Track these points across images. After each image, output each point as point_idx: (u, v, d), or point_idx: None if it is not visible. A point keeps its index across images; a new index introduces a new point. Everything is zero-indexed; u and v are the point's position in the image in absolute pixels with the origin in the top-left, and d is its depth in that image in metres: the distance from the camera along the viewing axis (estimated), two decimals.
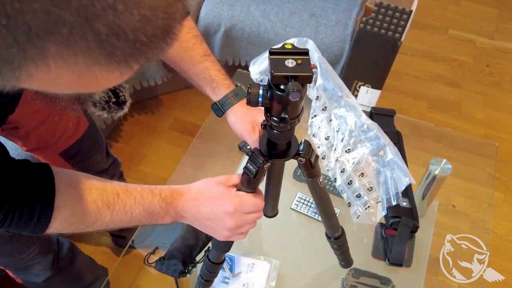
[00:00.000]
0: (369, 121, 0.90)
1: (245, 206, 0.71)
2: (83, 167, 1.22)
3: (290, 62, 0.57)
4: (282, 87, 0.57)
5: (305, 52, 0.58)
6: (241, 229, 0.74)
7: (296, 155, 0.70)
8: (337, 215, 0.91)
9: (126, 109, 0.84)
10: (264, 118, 0.81)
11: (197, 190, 0.74)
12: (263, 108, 0.65)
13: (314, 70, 0.59)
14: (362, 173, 0.89)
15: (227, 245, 0.83)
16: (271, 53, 0.58)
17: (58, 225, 0.64)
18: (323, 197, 0.81)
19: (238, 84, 0.94)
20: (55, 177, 0.64)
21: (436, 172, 1.05)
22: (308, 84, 0.60)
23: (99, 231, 1.72)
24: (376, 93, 1.69)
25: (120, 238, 1.61)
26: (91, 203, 0.66)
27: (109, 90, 0.79)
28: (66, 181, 0.66)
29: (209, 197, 0.72)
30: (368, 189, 0.89)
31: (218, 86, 0.92)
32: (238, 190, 0.73)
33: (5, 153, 0.63)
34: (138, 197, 0.70)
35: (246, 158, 0.74)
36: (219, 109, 0.93)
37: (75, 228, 0.67)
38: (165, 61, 0.94)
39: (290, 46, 0.59)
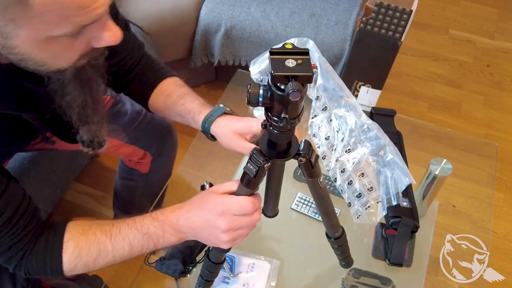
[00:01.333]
0: (370, 121, 0.90)
1: (231, 206, 0.72)
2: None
3: (290, 62, 0.57)
4: (282, 87, 0.57)
5: (306, 52, 0.58)
6: (239, 231, 0.74)
7: (297, 155, 0.70)
8: (337, 215, 0.91)
9: (105, 147, 0.93)
10: (245, 124, 0.84)
11: (190, 203, 0.77)
12: (241, 118, 0.66)
13: (314, 70, 0.59)
14: (362, 173, 0.89)
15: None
16: (271, 53, 0.58)
17: (68, 259, 0.75)
18: (323, 197, 0.81)
19: (220, 105, 0.94)
20: (68, 223, 0.77)
21: (437, 172, 1.05)
22: (308, 84, 0.60)
23: None
24: (376, 93, 1.69)
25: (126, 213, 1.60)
26: (91, 234, 0.76)
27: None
28: (75, 223, 0.78)
29: (200, 206, 0.75)
30: (368, 189, 0.88)
31: (194, 116, 0.93)
32: (237, 194, 0.73)
33: (37, 208, 0.78)
34: (130, 222, 0.76)
35: (246, 158, 0.74)
36: (205, 134, 0.94)
37: (84, 263, 0.76)
38: (159, 114, 1.02)
39: (290, 46, 0.59)
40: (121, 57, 0.97)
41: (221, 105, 0.93)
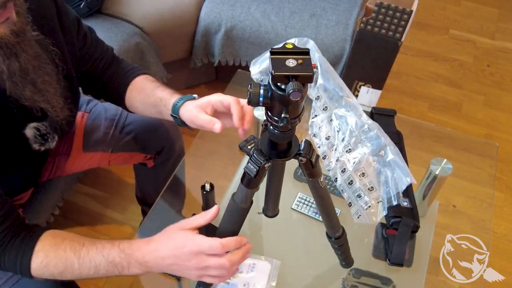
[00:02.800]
0: (370, 121, 0.90)
1: (201, 247, 0.77)
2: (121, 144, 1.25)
3: (291, 62, 0.57)
4: (283, 86, 0.57)
5: (306, 52, 0.58)
6: (209, 271, 0.79)
7: (297, 155, 0.70)
8: (337, 215, 0.91)
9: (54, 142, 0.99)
10: (204, 99, 0.88)
11: (157, 241, 0.81)
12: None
13: (314, 70, 0.59)
14: (363, 173, 0.89)
15: None
16: (272, 53, 0.58)
17: (36, 267, 0.80)
18: (323, 197, 0.81)
19: (192, 95, 0.98)
20: (45, 232, 0.82)
21: (437, 172, 1.05)
22: (309, 84, 0.60)
23: (100, 231, 1.72)
24: (377, 93, 1.69)
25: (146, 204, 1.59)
26: (61, 250, 0.80)
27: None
28: (51, 233, 0.83)
29: (169, 244, 0.79)
30: (368, 189, 0.88)
31: (166, 102, 0.97)
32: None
33: (14, 206, 0.82)
34: (99, 247, 0.80)
35: (246, 158, 0.75)
36: (175, 118, 0.96)
37: (50, 273, 0.81)
38: (136, 111, 1.08)
39: (291, 46, 0.59)
40: (94, 58, 1.05)
41: (193, 95, 0.97)
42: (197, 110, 0.91)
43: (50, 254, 0.80)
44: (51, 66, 0.87)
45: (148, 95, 1.01)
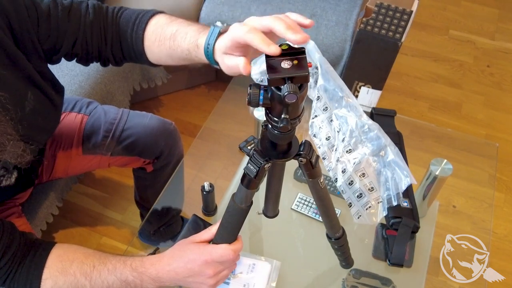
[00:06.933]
0: (370, 122, 0.90)
1: (214, 256, 0.80)
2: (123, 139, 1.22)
3: (286, 64, 0.56)
4: (281, 88, 0.57)
5: (301, 51, 0.58)
6: (222, 274, 0.84)
7: (297, 156, 0.70)
8: (337, 215, 0.91)
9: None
10: (226, 37, 0.70)
11: (170, 256, 0.82)
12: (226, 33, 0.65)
13: (314, 70, 0.59)
14: (363, 174, 0.89)
15: (229, 242, 0.83)
16: (267, 56, 0.58)
17: None
18: (323, 198, 0.81)
19: (215, 26, 0.77)
20: (50, 253, 0.80)
21: (437, 173, 1.05)
22: (309, 85, 0.60)
23: (100, 231, 1.72)
24: (377, 93, 1.69)
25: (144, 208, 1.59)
26: (70, 275, 0.79)
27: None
28: (57, 256, 0.81)
29: (183, 257, 0.81)
30: (369, 189, 0.88)
31: (196, 50, 0.78)
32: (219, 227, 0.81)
33: (14, 228, 0.81)
34: (111, 268, 0.80)
35: (246, 158, 0.75)
36: (211, 61, 0.77)
37: None
38: (168, 64, 0.90)
39: (286, 47, 0.59)
40: (72, 39, 0.85)
41: (216, 26, 0.76)
42: (225, 56, 0.72)
43: (59, 281, 0.79)
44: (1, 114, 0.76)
45: (172, 48, 0.82)
